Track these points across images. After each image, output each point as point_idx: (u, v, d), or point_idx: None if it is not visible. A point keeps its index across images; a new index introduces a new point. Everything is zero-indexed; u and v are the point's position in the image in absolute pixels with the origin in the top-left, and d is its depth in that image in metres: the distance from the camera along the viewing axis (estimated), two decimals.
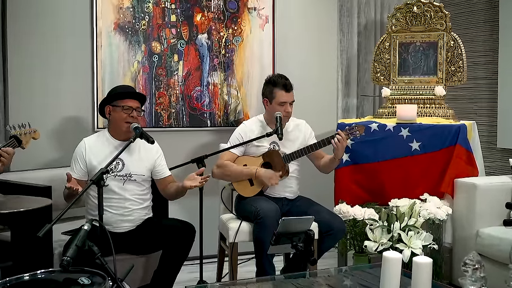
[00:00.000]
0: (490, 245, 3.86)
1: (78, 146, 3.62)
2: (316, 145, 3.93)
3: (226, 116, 5.01)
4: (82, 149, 3.58)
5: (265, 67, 5.08)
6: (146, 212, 3.68)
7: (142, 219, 3.64)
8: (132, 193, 3.58)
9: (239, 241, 3.84)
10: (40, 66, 4.40)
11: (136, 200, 3.60)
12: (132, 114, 3.57)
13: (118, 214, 3.53)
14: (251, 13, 5.05)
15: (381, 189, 4.48)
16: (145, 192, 3.68)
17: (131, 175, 3.58)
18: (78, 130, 4.42)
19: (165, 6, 4.76)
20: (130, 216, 3.58)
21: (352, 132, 3.88)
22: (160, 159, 3.74)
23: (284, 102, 3.95)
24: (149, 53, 4.73)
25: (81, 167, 3.55)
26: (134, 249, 3.60)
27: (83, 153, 3.56)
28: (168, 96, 4.80)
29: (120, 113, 3.57)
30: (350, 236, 4.25)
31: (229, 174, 3.99)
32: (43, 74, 4.42)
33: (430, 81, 4.80)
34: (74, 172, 3.52)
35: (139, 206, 3.62)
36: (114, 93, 3.64)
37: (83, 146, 3.59)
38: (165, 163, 3.78)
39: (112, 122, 3.62)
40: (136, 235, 3.58)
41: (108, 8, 4.57)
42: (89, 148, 3.58)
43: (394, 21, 4.86)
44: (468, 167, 4.32)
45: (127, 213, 3.57)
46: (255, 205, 3.78)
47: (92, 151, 3.57)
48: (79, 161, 3.56)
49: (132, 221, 3.59)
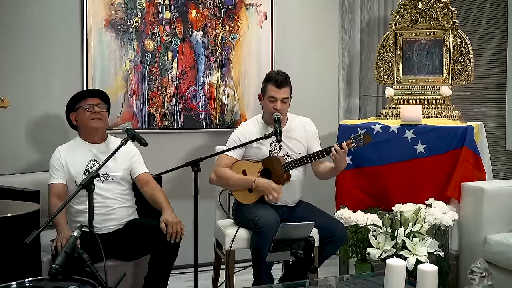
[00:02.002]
0: (499, 252, 3.87)
1: (53, 155, 3.76)
2: (317, 154, 3.92)
3: (223, 117, 5.02)
4: (58, 156, 3.73)
5: (263, 66, 5.09)
6: (130, 213, 3.79)
7: (127, 219, 3.74)
8: (113, 192, 3.71)
9: (236, 248, 3.84)
10: (27, 64, 4.41)
11: (118, 198, 3.73)
12: (94, 110, 3.71)
13: (101, 214, 3.62)
14: (248, 9, 5.06)
15: (385, 193, 4.49)
16: (126, 192, 3.80)
17: (108, 175, 3.71)
18: (67, 131, 4.41)
19: (159, 2, 4.77)
20: (114, 214, 3.69)
21: (357, 141, 3.86)
22: (136, 157, 3.87)
23: (273, 97, 3.95)
24: (142, 51, 4.74)
25: (60, 171, 3.68)
26: (122, 253, 3.66)
27: (60, 159, 3.71)
28: (161, 96, 4.81)
29: (83, 113, 3.73)
30: (352, 243, 4.25)
31: (227, 184, 4.01)
32: (30, 73, 4.43)
33: (436, 81, 4.81)
34: (54, 178, 3.67)
35: (122, 204, 3.74)
36: (70, 100, 3.80)
37: (59, 153, 3.74)
38: (142, 162, 3.90)
39: (81, 126, 3.78)
40: (122, 236, 3.65)
41: (98, 4, 4.58)
42: (64, 155, 3.72)
43: (398, 18, 4.88)
44: (475, 171, 4.33)
45: (110, 211, 3.68)
46: (254, 213, 3.78)
47: (67, 157, 3.71)
48: (57, 167, 3.70)
49: (116, 220, 3.69)
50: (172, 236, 3.50)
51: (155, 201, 3.77)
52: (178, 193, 4.43)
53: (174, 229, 3.51)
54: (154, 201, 3.78)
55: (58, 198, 3.60)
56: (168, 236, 3.49)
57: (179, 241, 3.56)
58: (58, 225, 3.46)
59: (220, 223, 4.11)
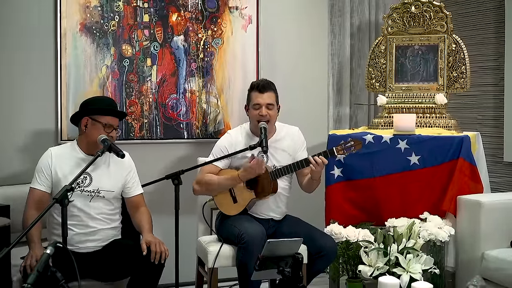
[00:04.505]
0: (497, 269, 3.90)
1: (44, 155, 3.65)
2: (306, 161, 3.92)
3: (205, 127, 5.03)
4: (48, 159, 3.62)
5: (248, 72, 5.11)
6: (114, 233, 3.71)
7: (109, 240, 3.67)
8: (99, 211, 3.62)
9: (219, 266, 3.84)
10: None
11: (103, 219, 3.64)
12: (111, 133, 3.63)
13: (83, 234, 3.57)
14: (232, 12, 5.08)
15: (377, 207, 4.50)
16: (114, 212, 3.72)
17: (99, 191, 3.61)
18: (39, 143, 4.40)
19: (137, 5, 4.78)
20: (97, 235, 3.62)
21: (347, 148, 3.88)
22: (132, 174, 3.79)
23: (257, 104, 3.97)
24: (119, 57, 4.74)
25: (46, 178, 3.58)
26: (100, 274, 3.61)
27: (49, 163, 3.60)
28: (140, 104, 4.81)
29: (100, 129, 3.61)
30: (342, 260, 4.26)
31: (212, 186, 3.98)
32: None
33: (430, 88, 4.85)
34: (37, 183, 3.57)
35: (106, 226, 3.66)
36: (97, 107, 3.67)
37: (49, 156, 3.62)
38: (137, 180, 3.83)
39: (87, 136, 3.64)
40: (102, 257, 3.59)
41: (73, 7, 4.58)
42: (55, 159, 3.61)
43: (390, 22, 4.92)
44: (472, 183, 4.36)
45: (93, 232, 3.60)
46: (239, 227, 3.78)
47: (58, 162, 3.61)
48: (44, 171, 3.59)
49: (97, 241, 3.62)
50: (156, 256, 3.45)
51: (138, 225, 3.74)
52: (157, 208, 4.42)
53: (158, 248, 3.47)
54: (138, 224, 3.75)
55: (36, 207, 3.52)
56: (152, 256, 3.45)
57: (163, 264, 3.52)
58: (31, 241, 3.42)
59: (203, 239, 4.11)
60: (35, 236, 3.44)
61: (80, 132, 3.69)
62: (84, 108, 3.70)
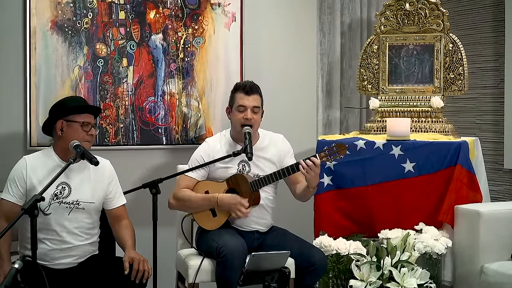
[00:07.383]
0: (497, 283, 3.92)
1: (18, 164, 3.59)
2: (287, 169, 3.94)
3: (185, 132, 5.03)
4: (22, 169, 3.56)
5: (231, 74, 5.12)
6: (92, 249, 3.69)
7: (86, 256, 3.64)
8: (76, 225, 3.58)
9: (200, 281, 3.85)
10: None
11: (82, 234, 3.61)
12: (90, 132, 3.61)
13: (58, 250, 3.53)
14: (214, 9, 5.09)
15: (369, 218, 4.52)
16: (93, 226, 3.69)
17: (79, 203, 3.58)
18: (6, 149, 4.39)
19: (112, 1, 4.77)
20: (74, 251, 3.58)
21: (331, 154, 3.89)
22: (114, 184, 3.76)
23: (242, 106, 3.98)
24: (93, 57, 4.73)
25: (19, 189, 3.53)
26: None
27: (23, 174, 3.54)
28: (115, 108, 4.80)
29: (78, 130, 3.57)
30: (332, 274, 4.27)
31: (188, 207, 4.01)
32: None
33: (426, 91, 4.87)
34: (8, 194, 3.53)
35: (83, 242, 3.62)
36: (70, 107, 3.62)
37: (24, 166, 3.56)
38: (120, 190, 3.81)
39: (65, 140, 3.57)
40: (78, 274, 3.56)
41: (43, 3, 4.56)
42: (31, 169, 3.55)
43: (384, 20, 4.94)
44: (470, 192, 4.39)
45: (70, 248, 3.56)
46: (217, 241, 3.78)
47: (34, 172, 3.55)
48: (18, 182, 3.54)
49: (73, 257, 3.58)
50: (138, 275, 3.43)
51: (121, 239, 3.72)
52: (134, 219, 4.37)
53: (141, 266, 3.45)
54: (120, 238, 3.73)
55: (6, 219, 3.46)
56: (133, 274, 3.42)
57: (145, 284, 3.50)
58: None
59: (183, 253, 4.11)
60: (3, 249, 3.42)
61: (56, 138, 3.64)
62: (55, 111, 3.66)
